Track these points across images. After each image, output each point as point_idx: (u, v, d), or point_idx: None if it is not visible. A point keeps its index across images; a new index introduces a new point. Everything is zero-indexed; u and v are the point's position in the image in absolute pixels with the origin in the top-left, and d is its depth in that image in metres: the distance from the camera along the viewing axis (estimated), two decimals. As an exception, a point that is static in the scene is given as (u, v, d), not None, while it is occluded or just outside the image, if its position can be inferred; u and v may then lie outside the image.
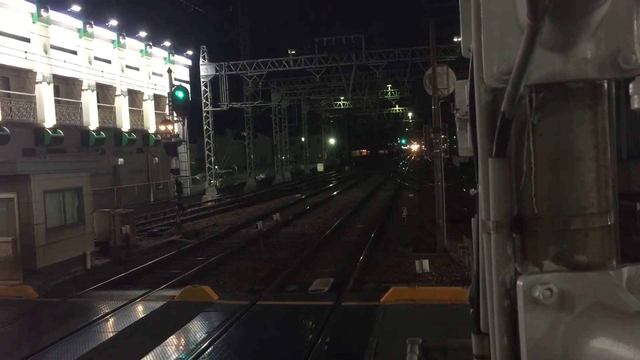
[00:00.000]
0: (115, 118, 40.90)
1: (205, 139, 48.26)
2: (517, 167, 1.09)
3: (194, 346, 9.28)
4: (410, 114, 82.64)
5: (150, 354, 8.89)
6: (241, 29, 58.30)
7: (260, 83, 48.82)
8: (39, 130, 32.77)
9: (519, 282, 1.05)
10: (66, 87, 37.04)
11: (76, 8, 36.97)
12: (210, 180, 47.74)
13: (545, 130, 1.06)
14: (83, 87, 37.38)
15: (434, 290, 11.80)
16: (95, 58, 38.41)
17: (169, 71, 30.58)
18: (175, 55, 50.41)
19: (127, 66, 42.53)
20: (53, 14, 34.20)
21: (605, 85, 1.07)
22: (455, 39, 37.23)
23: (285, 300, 12.48)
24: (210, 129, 47.81)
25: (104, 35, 39.93)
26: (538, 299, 1.02)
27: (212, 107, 47.63)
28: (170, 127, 27.98)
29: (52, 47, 34.13)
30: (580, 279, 1.03)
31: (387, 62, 45.09)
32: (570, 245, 1.06)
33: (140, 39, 44.82)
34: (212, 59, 47.08)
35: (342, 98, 65.70)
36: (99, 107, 38.77)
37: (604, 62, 1.00)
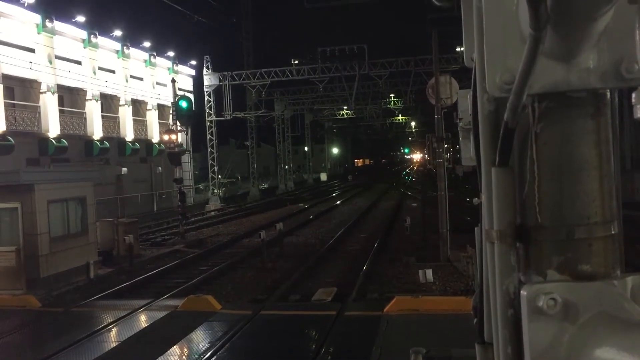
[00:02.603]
0: (119, 128, 40.99)
1: (209, 149, 48.37)
2: (520, 177, 1.09)
3: (197, 356, 9.26)
4: (413, 124, 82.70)
5: (153, 364, 8.86)
6: (245, 39, 58.55)
7: (263, 93, 48.93)
8: (43, 140, 32.86)
9: (523, 292, 1.04)
10: (70, 97, 37.18)
11: (81, 18, 37.20)
12: (213, 189, 47.79)
13: (548, 140, 1.06)
14: (87, 97, 37.51)
15: (438, 300, 11.75)
16: (100, 68, 38.57)
17: (173, 81, 30.74)
18: (179, 65, 50.58)
19: (131, 76, 42.68)
20: (58, 25, 34.39)
21: (608, 94, 1.07)
22: (457, 49, 37.33)
23: (288, 310, 12.44)
24: (213, 138, 47.92)
25: (108, 45, 40.11)
26: (542, 308, 1.01)
27: (216, 117, 47.75)
28: (173, 136, 28.06)
29: (57, 57, 34.30)
30: (584, 288, 1.03)
31: (390, 72, 45.20)
32: (574, 255, 1.06)
33: (144, 49, 45.01)
34: (215, 69, 47.25)
35: (345, 107, 65.71)
36: (103, 116, 38.88)
37: (606, 71, 1.00)
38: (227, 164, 65.70)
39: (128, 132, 41.58)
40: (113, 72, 40.46)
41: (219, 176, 49.81)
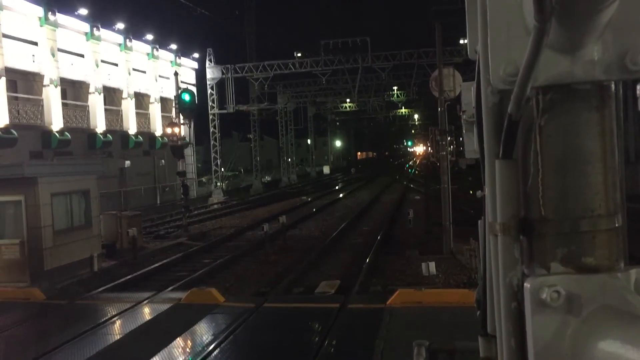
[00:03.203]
0: (122, 121, 41.05)
1: (212, 142, 48.38)
2: (524, 169, 1.08)
3: (200, 348, 9.29)
4: (416, 116, 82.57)
5: (156, 357, 8.90)
6: (247, 31, 58.43)
7: (266, 85, 48.88)
8: (47, 133, 32.93)
9: (527, 285, 1.04)
10: (73, 90, 37.22)
11: (83, 11, 37.19)
12: (216, 182, 47.83)
13: (552, 132, 1.05)
14: (90, 90, 37.55)
15: (441, 293, 11.76)
16: (102, 61, 38.58)
17: (176, 74, 30.71)
18: (182, 58, 50.54)
19: (134, 69, 42.69)
20: (60, 18, 34.39)
21: (613, 86, 1.07)
22: (461, 41, 37.20)
23: (291, 303, 12.46)
24: (216, 131, 47.92)
25: (111, 38, 40.10)
26: (545, 301, 1.01)
27: (219, 110, 47.73)
28: (176, 129, 28.06)
29: (60, 50, 34.31)
30: (588, 281, 1.03)
31: (393, 65, 45.10)
32: (578, 248, 1.06)
33: (147, 42, 44.99)
34: (218, 62, 47.19)
35: (348, 100, 65.72)
36: (105, 110, 38.93)
37: (611, 63, 1.00)
38: (230, 157, 65.79)
39: (131, 125, 41.64)
40: (116, 65, 40.48)
41: (222, 169, 49.85)
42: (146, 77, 44.73)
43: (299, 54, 46.51)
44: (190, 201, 32.25)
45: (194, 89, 42.86)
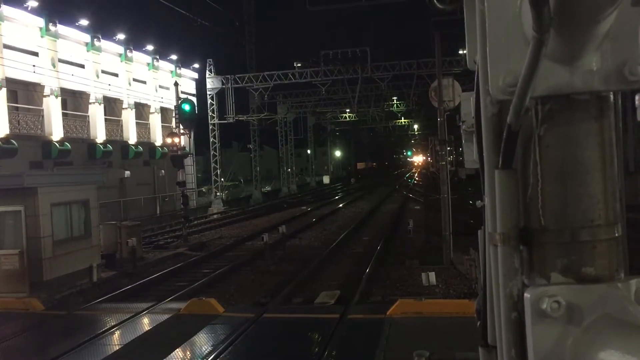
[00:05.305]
0: (122, 131, 41.07)
1: (212, 152, 48.37)
2: (523, 179, 1.09)
3: (199, 359, 9.26)
4: (416, 126, 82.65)
5: (156, 367, 8.86)
6: (247, 42, 58.62)
7: (266, 96, 48.90)
8: (47, 144, 32.93)
9: (527, 295, 1.04)
10: (74, 101, 37.26)
11: (84, 22, 37.30)
12: (216, 192, 47.79)
13: (552, 142, 1.05)
14: (90, 101, 37.58)
15: (441, 303, 11.73)
16: (103, 71, 38.64)
17: (176, 84, 30.79)
18: (182, 69, 50.64)
19: (134, 79, 42.74)
20: (61, 28, 34.48)
21: (611, 97, 1.07)
22: (460, 52, 37.31)
23: (291, 313, 12.43)
24: (216, 141, 47.94)
25: (111, 49, 40.20)
26: (546, 311, 1.01)
27: (219, 120, 47.78)
28: (176, 139, 28.10)
29: (60, 60, 34.38)
30: (588, 291, 1.02)
31: (393, 75, 45.17)
32: (578, 258, 1.05)
33: (147, 52, 45.09)
34: (218, 72, 47.28)
35: (347, 110, 65.76)
36: (106, 120, 38.95)
37: (609, 73, 1.00)
38: (230, 167, 65.77)
39: (131, 135, 41.65)
40: (116, 75, 40.54)
41: (222, 179, 49.81)
42: (146, 88, 44.79)
43: (299, 64, 46.59)
44: (190, 211, 32.24)
45: (194, 99, 42.85)
